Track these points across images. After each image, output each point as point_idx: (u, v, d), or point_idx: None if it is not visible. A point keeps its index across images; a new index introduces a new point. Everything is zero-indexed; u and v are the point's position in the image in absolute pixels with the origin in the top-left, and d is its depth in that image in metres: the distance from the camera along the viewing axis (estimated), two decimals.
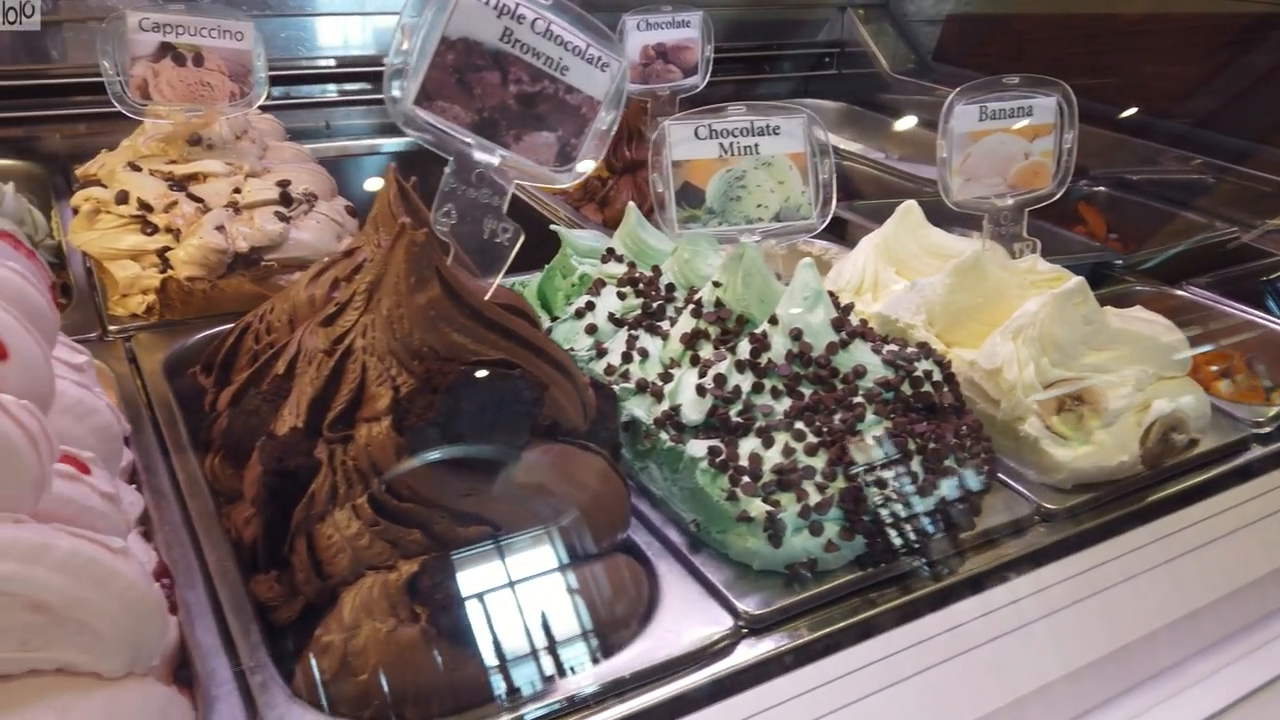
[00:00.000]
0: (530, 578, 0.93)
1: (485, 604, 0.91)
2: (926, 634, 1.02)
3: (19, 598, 0.74)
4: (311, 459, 0.95)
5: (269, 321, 1.26)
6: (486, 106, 0.99)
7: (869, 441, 1.10)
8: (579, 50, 1.00)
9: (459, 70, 0.96)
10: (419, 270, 0.95)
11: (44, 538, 0.77)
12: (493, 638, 0.90)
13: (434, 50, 0.95)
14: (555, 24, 0.99)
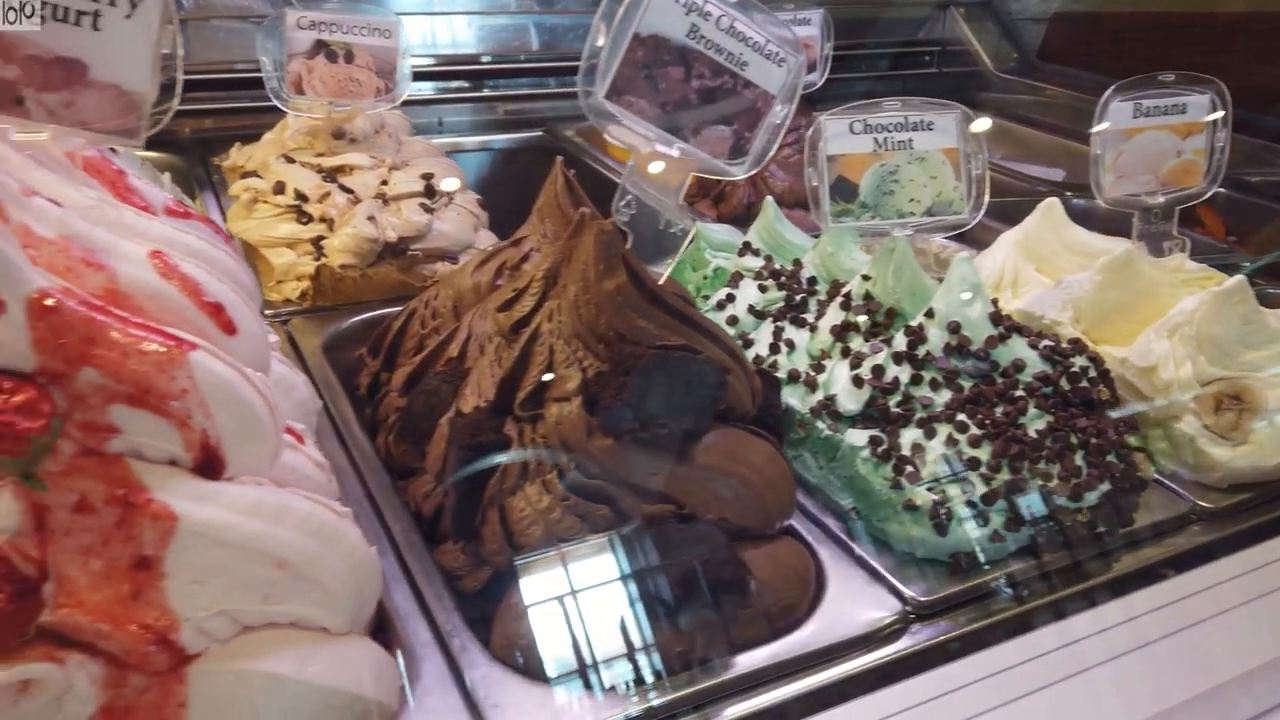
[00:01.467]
0: (709, 555, 0.96)
1: (668, 578, 0.94)
2: (1099, 625, 1.02)
3: (265, 554, 0.80)
4: (501, 436, 1.00)
5: (434, 308, 1.31)
6: (669, 101, 1.02)
7: (1032, 435, 1.11)
8: (758, 46, 1.03)
9: (647, 66, 1.00)
10: (607, 258, 0.99)
11: (285, 500, 0.83)
12: (677, 610, 0.93)
13: (626, 46, 0.98)
14: (739, 20, 1.02)
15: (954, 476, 1.07)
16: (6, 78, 0.82)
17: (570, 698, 0.89)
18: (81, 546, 0.75)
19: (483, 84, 3.04)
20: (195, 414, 0.79)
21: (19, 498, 0.73)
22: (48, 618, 0.73)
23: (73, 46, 0.83)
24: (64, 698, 0.74)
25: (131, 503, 0.75)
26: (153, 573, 0.76)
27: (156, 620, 0.76)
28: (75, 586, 0.74)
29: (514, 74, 3.05)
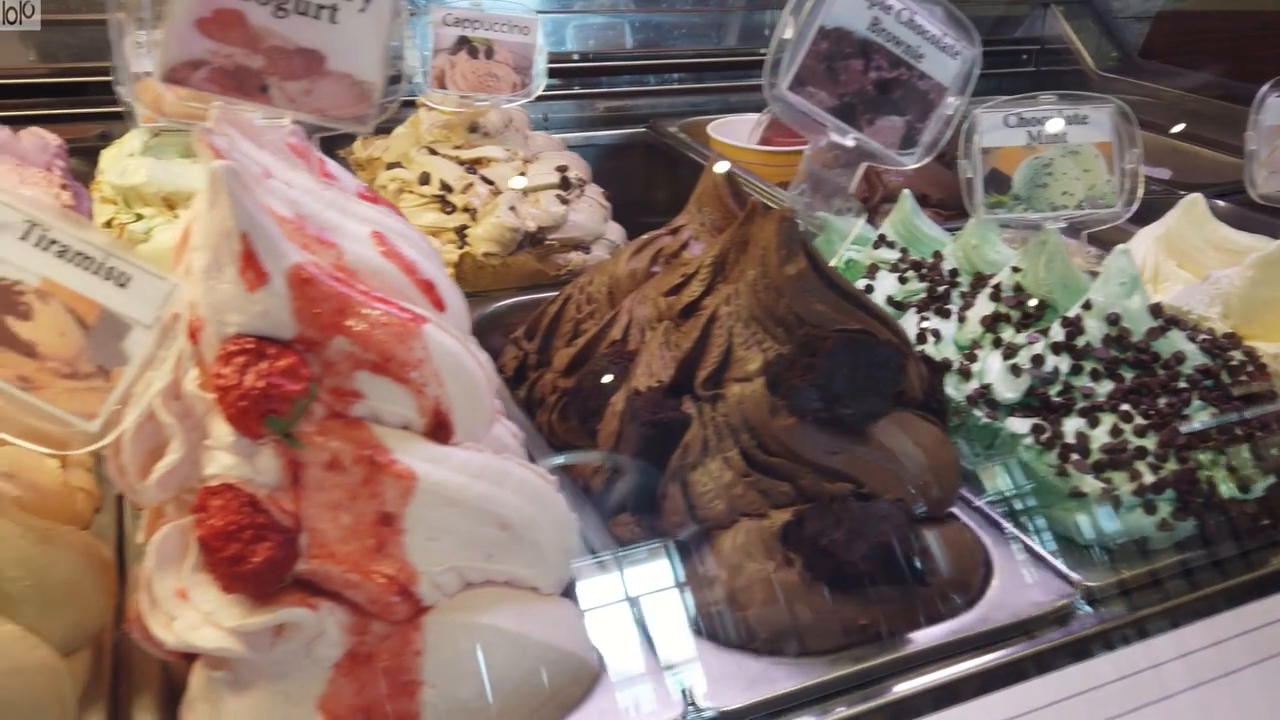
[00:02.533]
0: (887, 535, 0.99)
1: (849, 554, 0.97)
2: (1270, 617, 1.02)
3: (490, 515, 0.85)
4: (681, 413, 1.04)
5: (589, 293, 1.36)
6: (848, 91, 1.05)
7: (1196, 426, 1.12)
8: (935, 39, 1.06)
9: (829, 58, 1.03)
10: (789, 245, 1.02)
11: (505, 465, 0.88)
12: (858, 586, 0.96)
13: (811, 39, 1.02)
14: (918, 14, 1.04)
15: (1121, 465, 1.08)
16: (253, 67, 0.88)
17: (757, 664, 0.93)
18: (332, 502, 0.81)
19: (583, 82, 3.09)
20: (430, 382, 0.84)
21: (279, 455, 0.80)
22: (302, 567, 0.79)
23: (312, 38, 0.89)
24: (315, 642, 0.80)
25: (377, 462, 0.81)
26: (394, 528, 0.81)
27: (398, 573, 0.81)
28: (326, 539, 0.80)
29: (614, 71, 3.09)
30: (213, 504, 0.78)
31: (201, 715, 0.81)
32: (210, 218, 0.80)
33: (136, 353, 0.82)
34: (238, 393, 0.77)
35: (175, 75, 0.87)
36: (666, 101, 3.12)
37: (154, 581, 0.80)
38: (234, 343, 0.79)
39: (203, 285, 0.81)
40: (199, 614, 0.78)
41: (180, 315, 0.83)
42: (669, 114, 2.94)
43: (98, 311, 0.83)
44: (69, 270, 0.83)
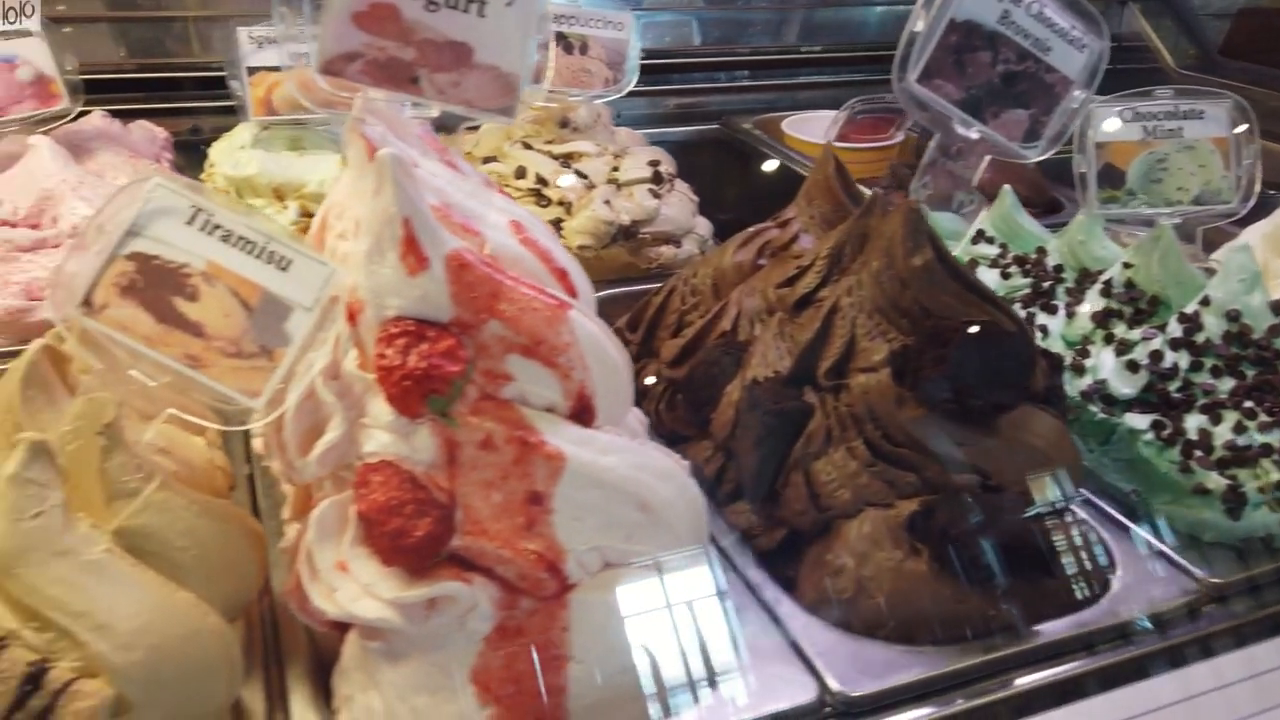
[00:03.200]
0: (1013, 527, 0.99)
1: (977, 546, 0.97)
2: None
3: (632, 497, 0.87)
4: (803, 402, 1.05)
5: (693, 285, 1.38)
6: (974, 84, 1.05)
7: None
8: (1063, 31, 1.05)
9: (958, 51, 1.03)
10: (915, 236, 1.03)
11: (643, 449, 0.90)
12: (985, 577, 0.97)
13: (941, 32, 1.02)
14: (1047, 7, 1.04)
15: (1246, 462, 1.07)
16: (405, 59, 0.91)
17: (883, 651, 0.93)
18: (484, 480, 0.83)
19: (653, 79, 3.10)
20: (576, 366, 0.86)
21: (436, 434, 0.82)
22: (457, 543, 0.82)
23: (462, 31, 0.91)
24: (468, 615, 0.82)
25: (528, 442, 0.83)
26: (543, 507, 0.84)
27: (546, 550, 0.83)
28: (479, 516, 0.82)
29: (685, 69, 3.11)
30: (374, 480, 0.81)
31: (356, 684, 0.84)
32: (374, 204, 0.82)
33: (297, 334, 0.85)
34: (401, 372, 0.80)
35: (332, 67, 0.90)
36: (736, 98, 3.12)
37: (314, 554, 0.83)
38: (395, 325, 0.82)
39: (364, 269, 0.84)
40: (359, 586, 0.81)
41: (339, 298, 0.86)
42: (738, 111, 2.94)
43: (260, 294, 0.86)
44: (233, 254, 0.86)
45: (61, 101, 1.61)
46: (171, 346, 0.85)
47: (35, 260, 1.46)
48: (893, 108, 2.68)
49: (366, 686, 0.83)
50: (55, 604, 0.71)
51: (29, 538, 0.72)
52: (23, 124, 1.59)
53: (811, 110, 2.82)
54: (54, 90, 1.60)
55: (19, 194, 1.51)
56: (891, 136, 2.64)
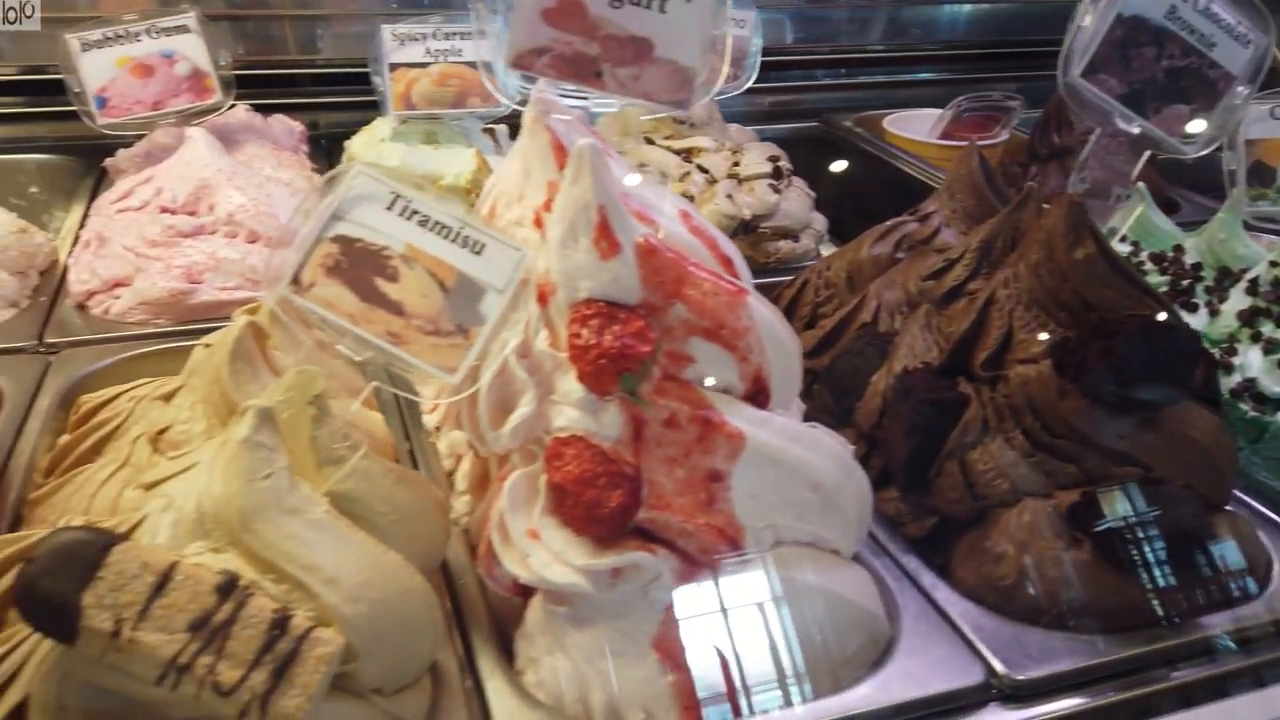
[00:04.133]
0: (1174, 520, 0.99)
1: (1137, 537, 0.98)
2: None
3: (805, 477, 0.90)
4: (959, 393, 1.06)
5: (826, 278, 1.40)
6: (1138, 79, 1.06)
7: None
8: (1229, 27, 1.05)
9: (1123, 46, 1.03)
10: (1077, 230, 1.03)
11: (813, 431, 0.93)
12: (1145, 569, 0.97)
13: (1107, 27, 1.02)
14: (1215, 2, 1.04)
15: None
16: (589, 54, 0.95)
17: (1046, 638, 0.95)
18: (668, 457, 0.87)
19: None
20: (753, 350, 0.89)
21: (623, 411, 0.86)
22: (642, 515, 0.86)
23: (643, 27, 0.95)
24: (651, 585, 0.86)
25: (710, 421, 0.87)
26: (722, 484, 0.87)
27: (726, 525, 0.87)
28: (663, 491, 0.86)
29: (784, 66, 3.11)
30: (567, 453, 0.85)
31: (542, 647, 0.88)
32: (570, 192, 0.87)
33: (490, 314, 0.90)
34: (596, 351, 0.84)
35: (521, 61, 0.95)
36: (833, 96, 3.11)
37: (507, 521, 0.87)
38: (587, 306, 0.86)
39: (557, 254, 0.88)
40: (550, 553, 0.85)
41: (529, 281, 0.90)
42: (832, 108, 2.94)
43: (455, 276, 0.91)
44: (429, 238, 0.91)
45: (215, 95, 1.69)
46: (374, 324, 0.90)
47: (195, 245, 1.54)
48: (999, 105, 2.67)
49: (553, 649, 0.87)
50: (289, 558, 0.76)
51: (262, 496, 0.78)
52: (179, 116, 1.69)
53: (909, 109, 2.81)
54: (208, 84, 1.68)
55: (177, 182, 1.60)
56: (996, 135, 2.62)
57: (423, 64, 1.69)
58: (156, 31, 1.63)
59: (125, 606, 0.69)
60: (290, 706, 0.69)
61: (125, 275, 1.51)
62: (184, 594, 0.71)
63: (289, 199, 1.62)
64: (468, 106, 1.73)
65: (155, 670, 0.68)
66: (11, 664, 0.73)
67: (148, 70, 1.64)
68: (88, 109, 1.64)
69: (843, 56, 3.15)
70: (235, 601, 0.71)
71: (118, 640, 0.68)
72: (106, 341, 1.43)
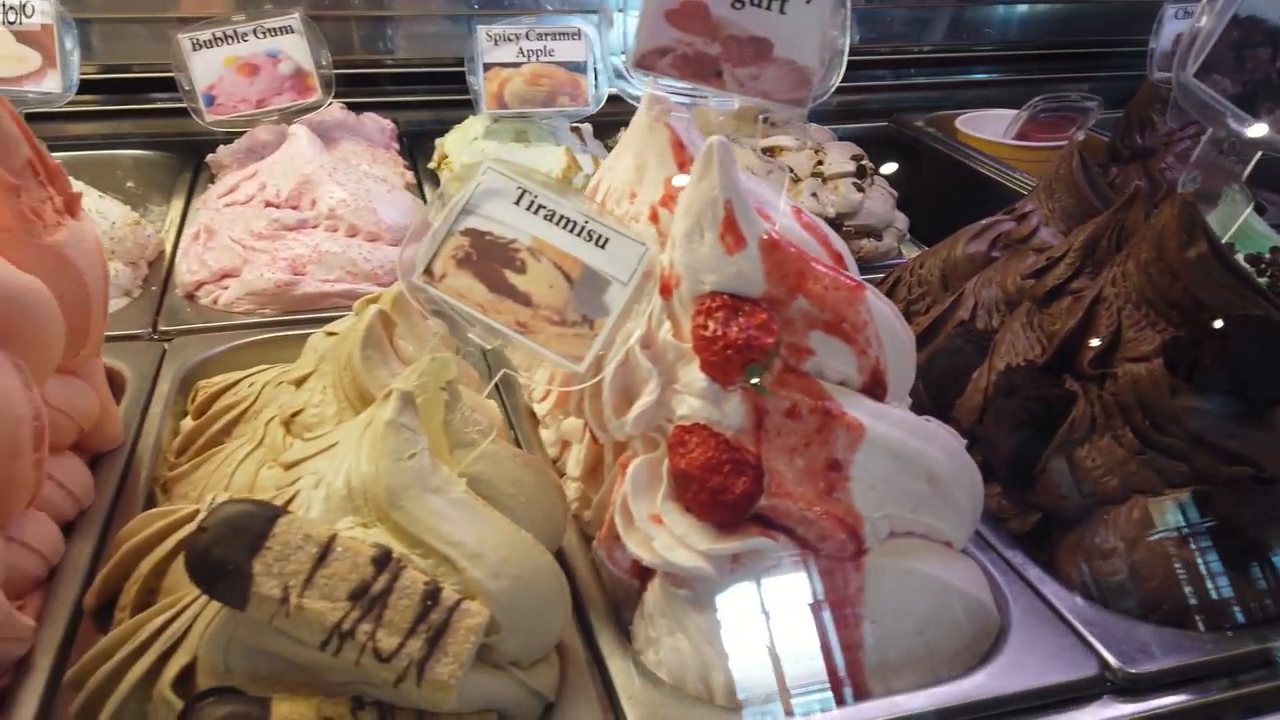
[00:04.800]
0: (1277, 520, 0.99)
1: (1247, 535, 0.98)
2: None
3: (922, 469, 0.91)
4: (1066, 390, 1.07)
5: (919, 276, 1.41)
6: (1251, 80, 1.05)
7: None
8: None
9: (1239, 46, 1.03)
10: (1189, 229, 1.03)
11: (929, 424, 0.94)
12: (1255, 567, 0.97)
13: (1223, 27, 1.02)
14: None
15: None
16: (711, 54, 0.97)
17: (1157, 633, 0.95)
18: (788, 446, 0.89)
19: None
20: (872, 343, 0.91)
21: (746, 400, 0.89)
22: (763, 502, 0.88)
23: (763, 27, 0.98)
24: (771, 570, 0.88)
25: (830, 412, 0.89)
26: (842, 474, 0.89)
27: (845, 514, 0.89)
28: (783, 479, 0.88)
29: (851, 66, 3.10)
30: (691, 440, 0.88)
31: (662, 628, 0.91)
32: (697, 187, 0.89)
33: (614, 306, 0.93)
34: (723, 342, 0.87)
35: (644, 61, 0.98)
36: (898, 96, 3.11)
37: (631, 506, 0.90)
38: (712, 299, 0.89)
39: (682, 247, 0.91)
40: (673, 537, 0.88)
41: (652, 274, 0.93)
42: (900, 108, 2.94)
43: (580, 268, 0.94)
44: (555, 232, 0.95)
45: (315, 94, 1.75)
46: (503, 313, 0.93)
47: (298, 239, 1.60)
48: (1076, 106, 2.65)
49: (673, 630, 0.90)
50: (435, 534, 0.80)
51: (407, 475, 0.82)
52: (281, 114, 1.75)
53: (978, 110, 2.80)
54: (310, 83, 1.74)
55: (281, 178, 1.66)
56: (1072, 136, 2.60)
57: (515, 64, 1.73)
58: (263, 32, 1.69)
59: (291, 575, 0.73)
60: (444, 673, 0.73)
61: (233, 266, 1.57)
62: (344, 565, 0.75)
63: (386, 195, 1.68)
64: (557, 105, 1.77)
65: (320, 635, 0.72)
66: (177, 628, 0.78)
67: (253, 69, 1.70)
68: (196, 106, 1.70)
69: (908, 56, 3.15)
70: (390, 573, 0.75)
71: (286, 606, 0.72)
72: (217, 330, 1.50)
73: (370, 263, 1.61)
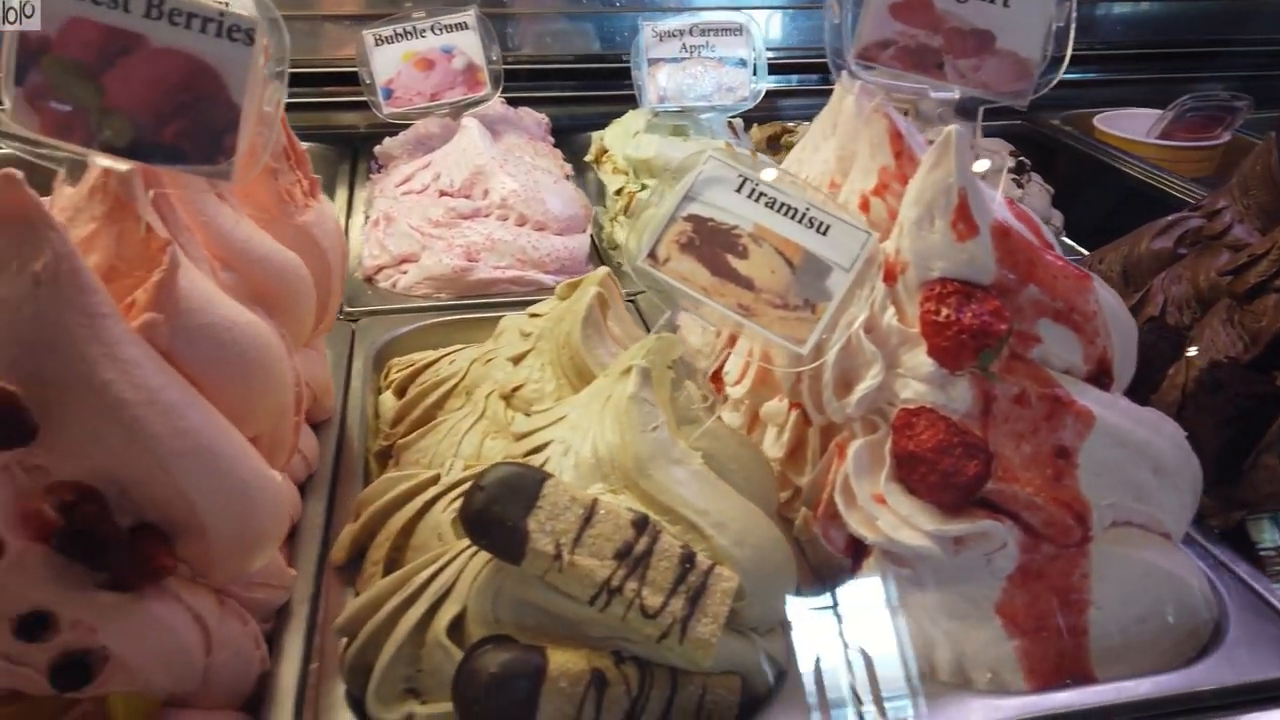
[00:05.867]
0: None
1: None
2: None
3: (1148, 460, 0.92)
4: (1274, 387, 1.06)
5: (1099, 271, 1.40)
6: None
7: None
8: None
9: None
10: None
11: (1157, 414, 0.94)
12: None
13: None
14: None
15: None
16: (933, 46, 0.99)
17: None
18: (1015, 432, 0.90)
19: None
20: (1100, 333, 0.92)
21: (974, 386, 0.90)
22: (990, 486, 0.90)
23: (986, 19, 0.99)
24: (996, 553, 0.90)
25: (1060, 400, 0.90)
26: (1069, 461, 0.90)
27: (1072, 501, 0.90)
28: (1009, 464, 0.90)
29: None
30: (918, 423, 0.90)
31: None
32: (929, 176, 0.92)
33: (836, 291, 0.95)
34: (957, 328, 0.89)
35: (867, 54, 1.00)
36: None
37: (854, 486, 0.93)
38: (943, 285, 0.91)
39: (911, 235, 0.93)
40: (897, 516, 0.91)
41: (875, 260, 0.95)
42: (1043, 106, 2.88)
43: (802, 254, 0.97)
44: (777, 218, 0.98)
45: (485, 88, 1.82)
46: (726, 297, 0.97)
47: (473, 227, 1.67)
48: (1225, 105, 2.57)
49: (892, 608, 0.92)
50: (682, 502, 0.84)
51: (653, 446, 0.86)
52: (452, 107, 1.82)
53: (1126, 108, 2.74)
54: (480, 78, 1.81)
55: (454, 168, 1.73)
56: (1219, 136, 2.53)
57: (677, 59, 1.77)
58: (440, 28, 1.76)
59: (562, 533, 0.78)
60: (705, 633, 0.77)
61: (412, 252, 1.65)
62: (608, 526, 0.79)
63: (553, 186, 1.73)
64: (715, 101, 1.80)
65: (590, 591, 0.77)
66: (445, 580, 0.84)
67: (429, 64, 1.78)
68: (375, 99, 1.79)
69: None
70: (650, 536, 0.79)
71: (559, 562, 0.77)
72: (398, 312, 1.57)
73: (538, 251, 1.67)
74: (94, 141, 0.77)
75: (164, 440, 0.71)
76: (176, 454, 0.72)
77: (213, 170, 0.78)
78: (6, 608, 0.68)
